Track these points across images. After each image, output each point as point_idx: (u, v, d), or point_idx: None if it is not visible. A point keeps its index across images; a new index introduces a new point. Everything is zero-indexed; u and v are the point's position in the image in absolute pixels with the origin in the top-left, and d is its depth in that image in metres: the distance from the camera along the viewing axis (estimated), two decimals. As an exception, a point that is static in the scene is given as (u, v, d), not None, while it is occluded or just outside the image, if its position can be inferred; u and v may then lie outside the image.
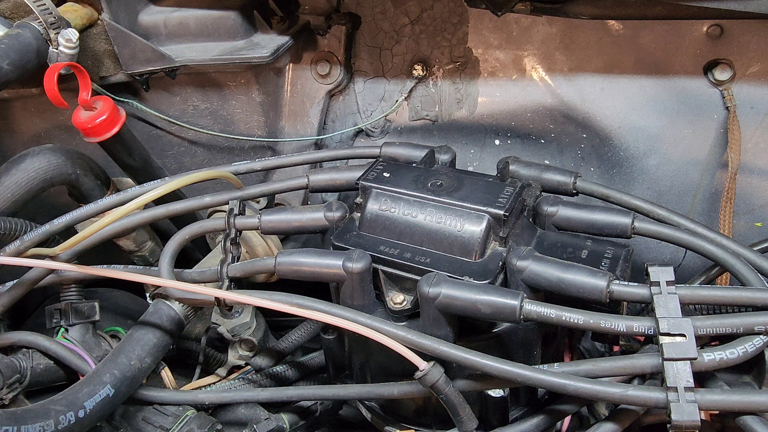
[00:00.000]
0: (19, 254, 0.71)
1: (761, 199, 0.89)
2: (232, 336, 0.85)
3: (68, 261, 0.70)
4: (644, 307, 0.74)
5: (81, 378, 0.70)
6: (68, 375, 0.77)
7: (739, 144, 0.86)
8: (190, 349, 0.92)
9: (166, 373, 0.84)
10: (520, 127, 0.99)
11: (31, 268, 0.73)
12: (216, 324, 0.84)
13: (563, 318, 0.51)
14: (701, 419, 0.47)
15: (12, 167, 0.83)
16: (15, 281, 0.73)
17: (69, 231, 0.75)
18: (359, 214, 0.65)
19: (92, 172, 0.91)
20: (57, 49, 0.85)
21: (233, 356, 0.89)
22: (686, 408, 0.47)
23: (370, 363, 0.68)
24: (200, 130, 1.04)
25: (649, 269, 0.54)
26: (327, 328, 0.72)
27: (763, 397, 0.48)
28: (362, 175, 0.68)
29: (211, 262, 0.85)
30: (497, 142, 1.01)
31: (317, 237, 0.70)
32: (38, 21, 0.84)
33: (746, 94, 0.86)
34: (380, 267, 0.60)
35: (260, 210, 0.76)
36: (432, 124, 1.04)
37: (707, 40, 0.86)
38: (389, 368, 0.65)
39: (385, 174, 0.67)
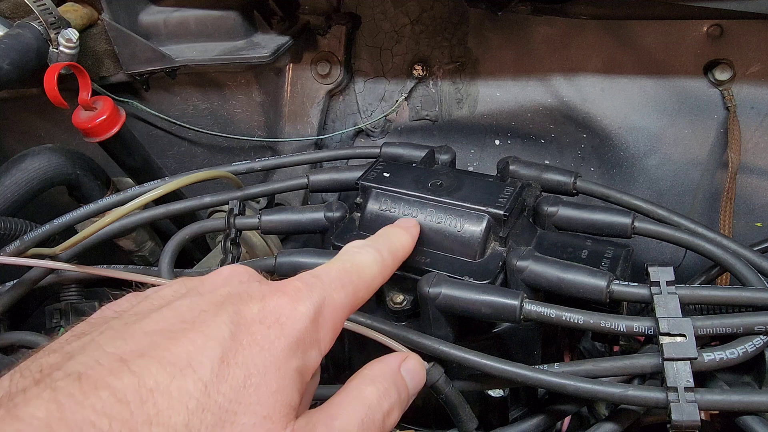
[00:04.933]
0: (19, 254, 0.71)
1: (761, 199, 0.89)
2: (232, 336, 0.85)
3: (68, 261, 0.70)
4: (644, 307, 0.74)
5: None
6: (68, 375, 0.77)
7: (739, 144, 0.86)
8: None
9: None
10: (520, 127, 0.99)
11: (31, 268, 0.73)
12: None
13: (563, 318, 0.51)
14: (701, 419, 0.47)
15: (12, 167, 0.83)
16: (15, 281, 0.73)
17: (69, 231, 0.75)
18: (359, 214, 0.65)
19: (92, 172, 0.91)
20: (57, 49, 0.85)
21: (233, 356, 0.89)
22: (686, 408, 0.47)
23: (370, 363, 0.68)
24: (200, 130, 1.04)
25: (649, 269, 0.54)
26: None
27: (763, 397, 0.48)
28: (362, 175, 0.68)
29: (211, 262, 0.85)
30: (497, 142, 1.01)
31: (317, 237, 0.70)
32: (38, 21, 0.84)
33: (746, 94, 0.86)
34: (380, 267, 0.60)
35: (260, 210, 0.76)
36: (432, 124, 1.04)
37: (707, 40, 0.86)
38: (389, 368, 0.65)
39: (385, 174, 0.67)
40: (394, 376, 0.42)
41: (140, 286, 0.41)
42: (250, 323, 0.34)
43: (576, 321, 0.51)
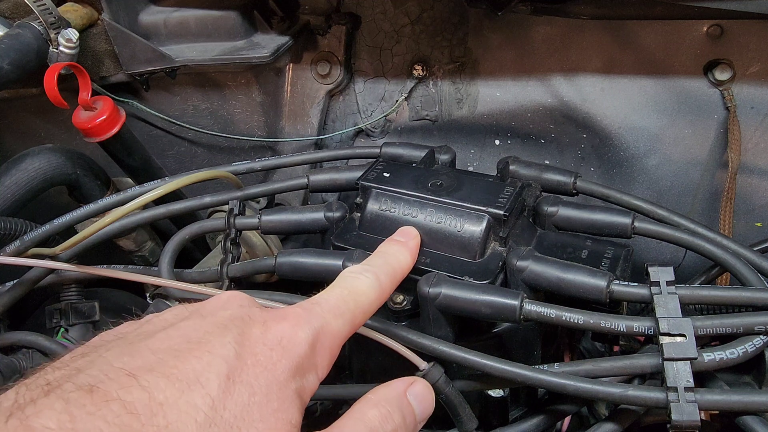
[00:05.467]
0: (19, 254, 0.71)
1: (761, 199, 0.89)
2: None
3: (68, 261, 0.70)
4: (644, 307, 0.74)
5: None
6: (68, 375, 0.77)
7: (739, 144, 0.86)
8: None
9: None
10: (520, 127, 0.99)
11: (31, 268, 0.73)
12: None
13: (563, 318, 0.51)
14: (701, 419, 0.47)
15: (12, 167, 0.83)
16: (15, 281, 0.73)
17: (69, 231, 0.75)
18: (359, 214, 0.65)
19: (92, 172, 0.91)
20: (57, 49, 0.85)
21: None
22: (686, 408, 0.47)
23: (370, 363, 0.68)
24: (200, 130, 1.04)
25: (649, 269, 0.54)
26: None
27: (763, 397, 0.48)
28: (362, 175, 0.68)
29: (211, 262, 0.85)
30: (497, 142, 1.01)
31: (317, 237, 0.70)
32: (38, 21, 0.84)
33: (746, 94, 0.86)
34: (380, 267, 0.60)
35: (260, 210, 0.76)
36: (432, 124, 1.04)
37: (707, 40, 0.86)
38: (389, 368, 0.65)
39: (385, 174, 0.67)
40: (399, 399, 0.42)
41: (137, 315, 0.42)
42: (253, 344, 0.35)
43: (576, 321, 0.51)
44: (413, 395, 0.43)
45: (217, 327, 0.36)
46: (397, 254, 0.52)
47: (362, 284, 0.45)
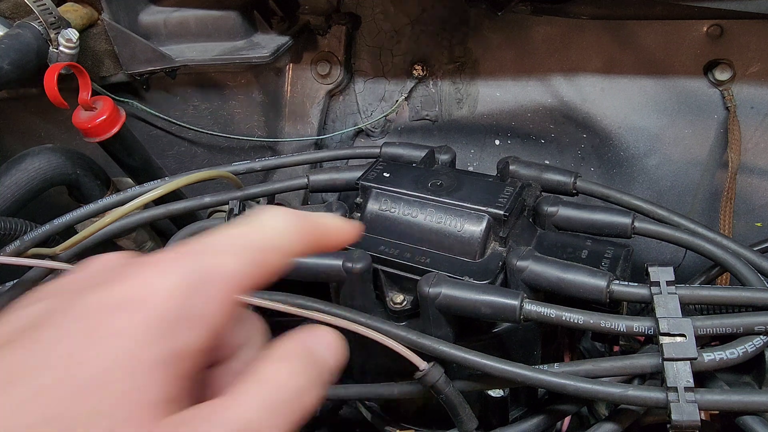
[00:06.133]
0: (19, 254, 0.71)
1: (761, 199, 0.89)
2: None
3: (68, 261, 0.70)
4: (644, 307, 0.74)
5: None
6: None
7: (739, 144, 0.86)
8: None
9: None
10: (520, 127, 0.99)
11: (31, 268, 0.73)
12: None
13: (563, 318, 0.51)
14: (701, 419, 0.47)
15: (12, 167, 0.83)
16: (15, 281, 0.73)
17: (69, 231, 0.75)
18: (359, 214, 0.65)
19: (92, 172, 0.91)
20: (57, 49, 0.85)
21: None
22: (686, 408, 0.47)
23: (370, 363, 0.68)
24: (200, 130, 1.04)
25: (649, 269, 0.54)
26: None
27: (763, 397, 0.48)
28: (362, 175, 0.68)
29: (211, 262, 0.85)
30: (497, 142, 1.01)
31: (317, 237, 0.70)
32: (38, 21, 0.84)
33: (746, 94, 0.86)
34: (380, 267, 0.60)
35: (260, 210, 0.76)
36: (432, 124, 1.04)
37: (707, 40, 0.86)
38: (389, 368, 0.65)
39: (385, 174, 0.67)
40: (307, 350, 0.33)
41: None
42: (95, 312, 0.28)
43: (576, 321, 0.51)
44: (318, 343, 0.34)
45: (60, 303, 0.29)
46: (332, 217, 0.39)
47: (274, 219, 0.34)
